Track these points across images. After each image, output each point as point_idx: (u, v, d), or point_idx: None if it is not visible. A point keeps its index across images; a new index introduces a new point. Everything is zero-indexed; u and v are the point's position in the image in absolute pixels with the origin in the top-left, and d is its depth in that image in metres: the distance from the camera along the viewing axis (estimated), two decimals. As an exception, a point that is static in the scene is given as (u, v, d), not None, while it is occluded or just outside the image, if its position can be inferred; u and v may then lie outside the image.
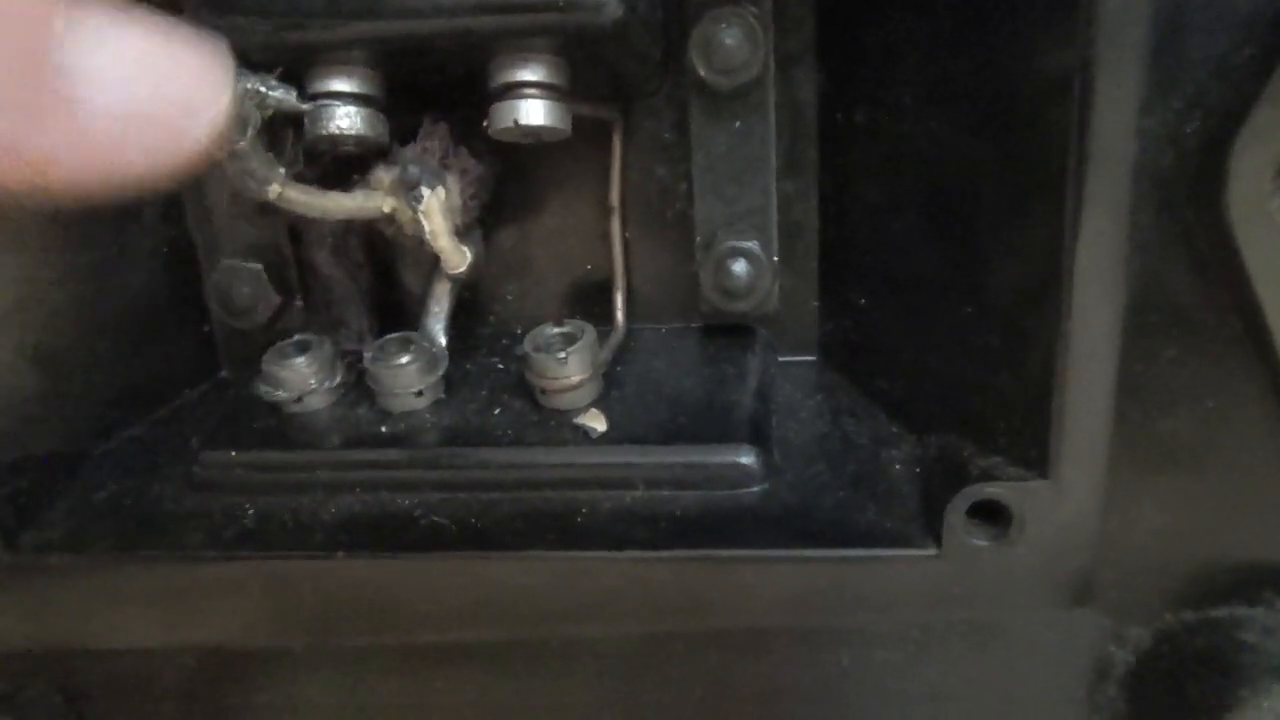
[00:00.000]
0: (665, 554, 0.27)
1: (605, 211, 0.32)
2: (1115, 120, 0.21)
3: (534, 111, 0.26)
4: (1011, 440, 0.25)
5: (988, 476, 0.25)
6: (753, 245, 0.31)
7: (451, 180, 0.28)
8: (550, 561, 0.27)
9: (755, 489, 0.28)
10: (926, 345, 0.29)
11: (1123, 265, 0.22)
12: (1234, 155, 0.20)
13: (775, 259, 0.32)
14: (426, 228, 0.28)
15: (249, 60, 0.25)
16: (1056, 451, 0.24)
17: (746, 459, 0.28)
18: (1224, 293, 0.22)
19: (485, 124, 0.27)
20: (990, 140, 0.26)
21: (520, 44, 0.25)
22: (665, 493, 0.28)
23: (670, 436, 0.29)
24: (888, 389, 0.31)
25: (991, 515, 0.25)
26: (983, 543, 0.25)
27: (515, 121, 0.26)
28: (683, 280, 0.33)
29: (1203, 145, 0.21)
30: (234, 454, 0.30)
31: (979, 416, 0.27)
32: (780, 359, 0.34)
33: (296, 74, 0.26)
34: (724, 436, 0.29)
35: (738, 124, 0.30)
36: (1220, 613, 0.24)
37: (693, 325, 0.34)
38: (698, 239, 0.32)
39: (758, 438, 0.29)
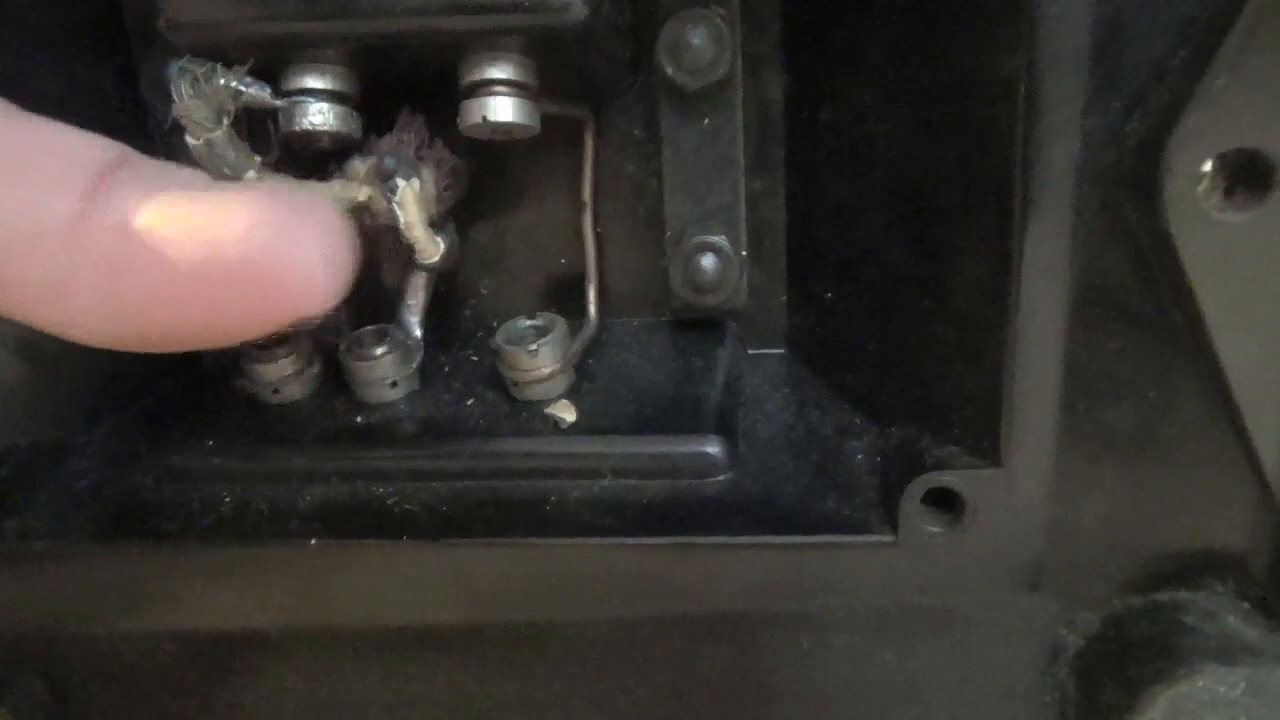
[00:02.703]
0: (631, 540, 0.27)
1: (578, 207, 0.33)
2: (1058, 121, 0.22)
3: (502, 109, 0.26)
4: (966, 431, 0.26)
5: (943, 466, 0.26)
6: (721, 241, 0.32)
7: (426, 171, 0.29)
8: (519, 548, 0.27)
9: (721, 478, 0.29)
10: (888, 339, 0.30)
11: (1068, 261, 0.23)
12: (1168, 154, 0.21)
13: (744, 254, 0.33)
14: (401, 218, 0.29)
15: (225, 56, 0.26)
16: (1007, 441, 0.24)
17: (712, 449, 0.29)
18: (1163, 287, 0.22)
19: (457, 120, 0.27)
20: (945, 140, 0.26)
21: (489, 43, 0.26)
22: (633, 481, 0.29)
23: (638, 427, 0.30)
24: (852, 381, 0.32)
25: (946, 503, 0.26)
26: (937, 529, 0.26)
27: (484, 118, 0.26)
28: (654, 275, 0.34)
29: (1141, 145, 0.21)
30: (211, 444, 0.30)
31: (937, 408, 0.28)
32: (749, 352, 0.35)
33: (272, 70, 0.27)
34: (691, 427, 0.30)
35: (706, 122, 0.31)
36: (1164, 597, 0.24)
37: (664, 319, 0.35)
38: (668, 234, 0.32)
39: (724, 428, 0.30)
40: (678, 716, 0.31)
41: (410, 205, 0.28)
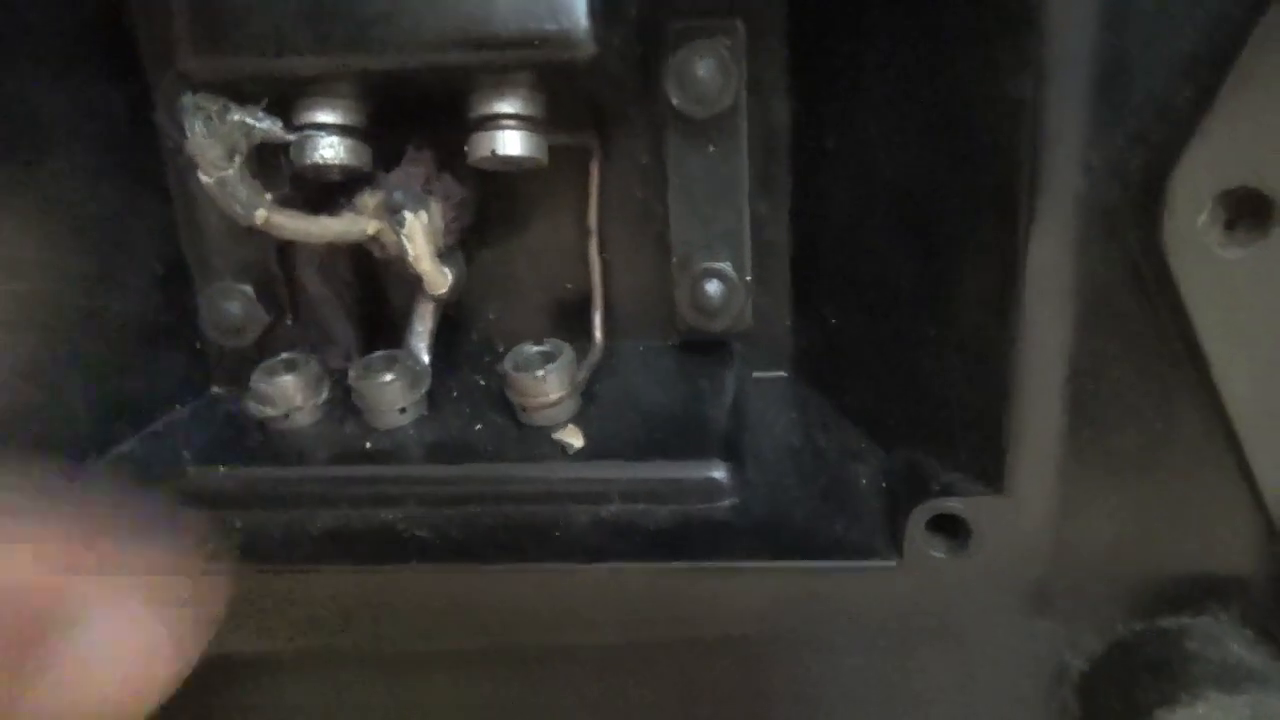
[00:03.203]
0: (639, 565, 0.28)
1: (584, 233, 0.33)
2: (1063, 151, 0.22)
3: (511, 142, 0.27)
4: (970, 455, 0.26)
5: (948, 491, 0.26)
6: (726, 266, 0.32)
7: (434, 204, 0.29)
8: (527, 573, 0.28)
9: (727, 503, 0.29)
10: (893, 362, 0.30)
11: (1071, 291, 0.23)
12: (1169, 190, 0.21)
13: (748, 278, 0.33)
14: (409, 250, 0.29)
15: (238, 92, 0.26)
16: (1011, 467, 0.25)
17: (719, 474, 0.29)
18: (1165, 316, 0.23)
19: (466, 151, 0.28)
20: (950, 165, 0.27)
21: (498, 77, 0.26)
22: (640, 506, 0.29)
23: (645, 452, 0.30)
24: (857, 404, 0.32)
25: (951, 528, 0.26)
26: (941, 555, 0.26)
27: (493, 152, 0.27)
28: (659, 299, 0.34)
29: (1144, 179, 0.22)
30: (223, 469, 0.31)
31: (941, 431, 0.28)
32: (754, 375, 0.35)
33: (283, 104, 0.27)
34: (697, 452, 0.30)
35: (712, 150, 0.31)
36: (1167, 622, 0.25)
37: (669, 343, 0.35)
38: (674, 260, 0.33)
39: (730, 453, 0.30)
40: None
41: (418, 238, 0.29)
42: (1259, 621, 0.24)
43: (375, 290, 0.35)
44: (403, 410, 0.32)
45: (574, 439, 0.30)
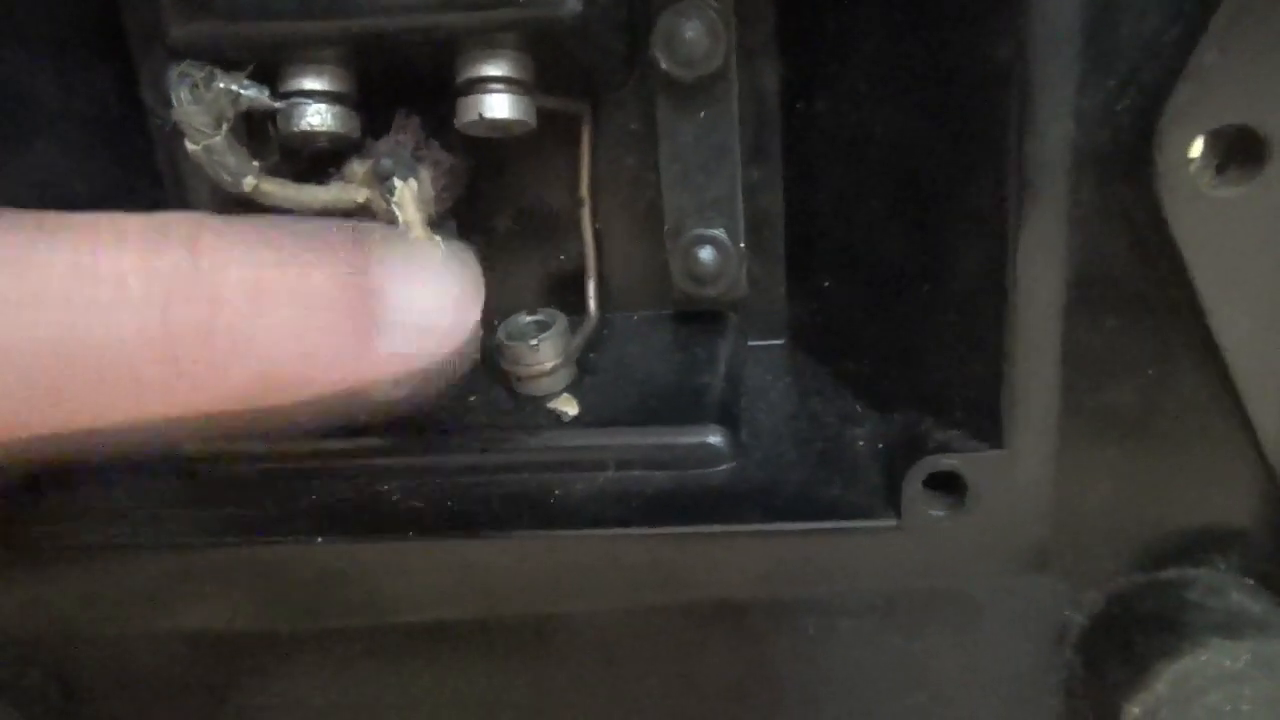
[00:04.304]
0: (636, 531, 0.27)
1: (577, 202, 0.33)
2: (1051, 102, 0.22)
3: (498, 106, 0.27)
4: (967, 414, 0.26)
5: (944, 448, 0.26)
6: (720, 233, 0.32)
7: (424, 172, 0.29)
8: (523, 541, 0.28)
9: (724, 467, 0.29)
10: (888, 325, 0.30)
11: (1064, 241, 0.23)
12: (1160, 132, 0.21)
13: (742, 245, 0.33)
14: (400, 218, 0.29)
15: (223, 59, 0.26)
16: (1009, 423, 0.25)
17: (715, 439, 0.29)
18: (1159, 265, 0.22)
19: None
20: (941, 124, 0.26)
21: (484, 40, 0.26)
22: (637, 473, 0.29)
23: (641, 419, 0.30)
24: (853, 369, 0.32)
25: (948, 486, 0.26)
26: (940, 513, 0.26)
27: (480, 115, 0.26)
28: (654, 268, 0.34)
29: (1134, 123, 0.22)
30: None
31: (938, 393, 0.28)
32: (750, 343, 0.35)
33: (269, 72, 0.27)
34: (693, 418, 0.30)
35: (702, 115, 0.31)
36: (1169, 574, 0.24)
37: (664, 312, 0.35)
38: (666, 227, 0.32)
39: (726, 418, 0.30)
40: (686, 703, 0.31)
41: (409, 205, 0.28)
42: (1260, 570, 0.24)
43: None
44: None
45: (569, 408, 0.30)
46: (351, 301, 0.21)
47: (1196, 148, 0.21)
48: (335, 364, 0.21)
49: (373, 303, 0.22)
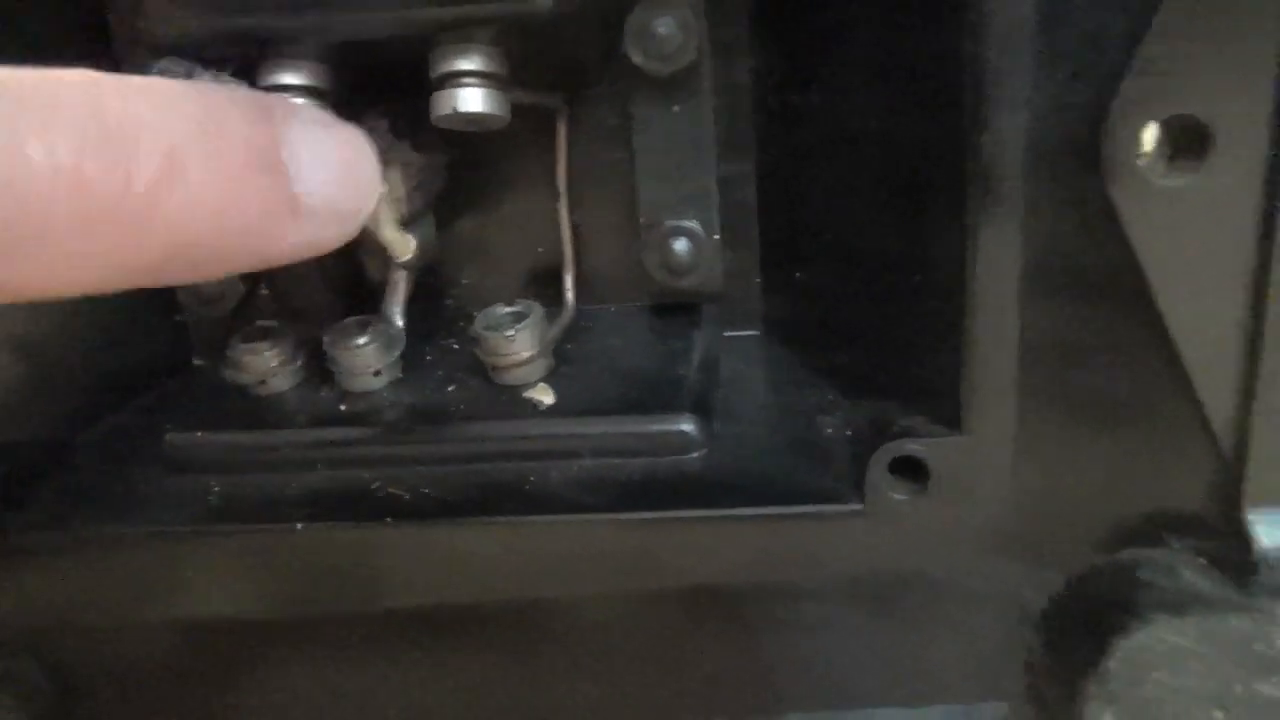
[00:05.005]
0: (609, 516, 0.28)
1: (555, 196, 0.34)
2: (1005, 92, 0.22)
3: (472, 99, 0.27)
4: (931, 400, 0.27)
5: (907, 434, 0.26)
6: (694, 224, 0.33)
7: (392, 173, 0.30)
8: (499, 527, 0.28)
9: (696, 455, 0.30)
10: (861, 315, 0.31)
11: (1020, 230, 0.23)
12: (1109, 122, 0.21)
13: (716, 237, 0.33)
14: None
15: (203, 54, 0.27)
16: (967, 408, 0.25)
17: (688, 427, 0.30)
18: (1112, 253, 0.23)
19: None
20: (910, 117, 0.27)
21: (459, 35, 0.27)
22: (612, 460, 0.30)
23: (616, 408, 0.30)
24: (826, 359, 0.32)
25: (913, 471, 0.26)
26: (903, 497, 0.26)
27: (454, 109, 0.27)
28: (631, 261, 0.34)
29: (1085, 115, 0.22)
30: (200, 434, 0.31)
31: (905, 380, 0.28)
32: (725, 334, 0.35)
33: (249, 67, 0.27)
34: (667, 407, 0.30)
35: (676, 109, 0.32)
36: (1124, 556, 0.25)
37: (641, 304, 0.35)
38: (641, 220, 0.33)
39: (700, 407, 0.30)
40: (664, 683, 0.31)
41: (378, 206, 0.29)
42: (1211, 550, 0.24)
43: (352, 260, 0.36)
44: (377, 374, 0.32)
45: (545, 396, 0.31)
46: (265, 180, 0.21)
47: (1149, 139, 0.21)
48: (247, 241, 0.21)
49: (285, 182, 0.21)
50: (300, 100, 0.27)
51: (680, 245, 0.32)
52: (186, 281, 0.21)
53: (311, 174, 0.21)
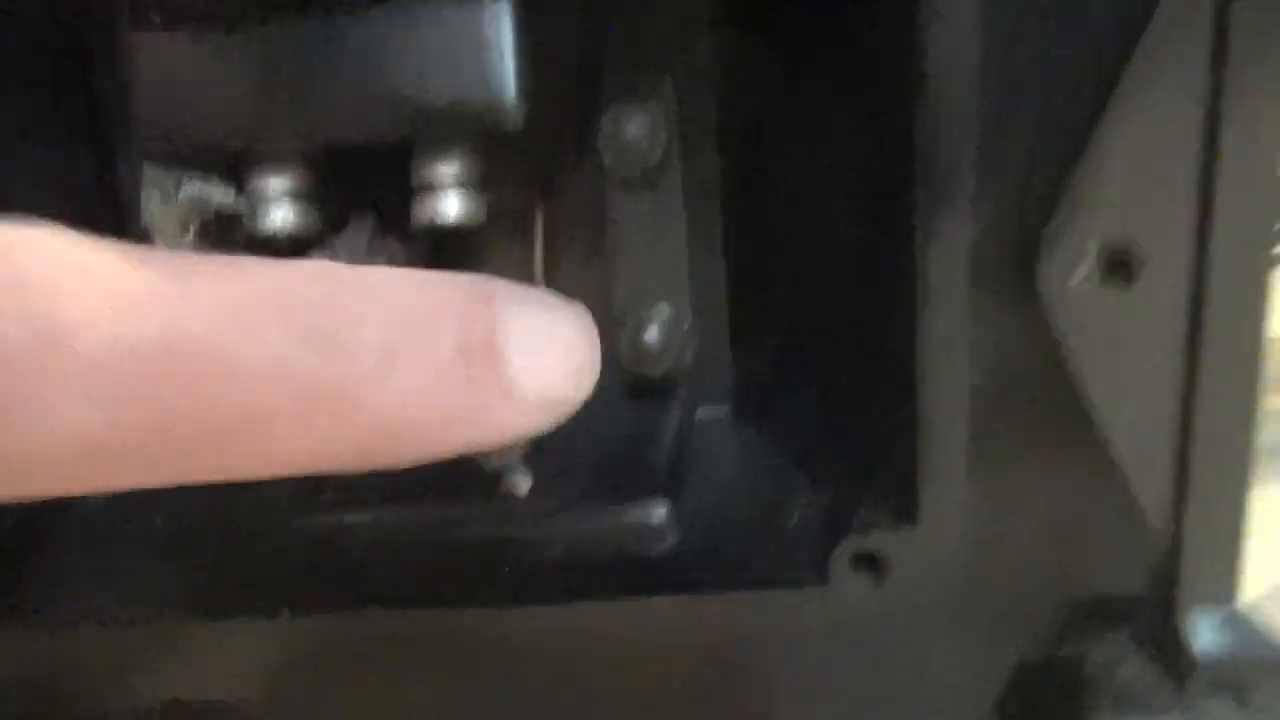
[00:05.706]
0: (583, 605, 0.29)
1: (530, 284, 0.35)
2: (950, 205, 0.24)
3: (449, 208, 0.28)
4: (888, 491, 0.28)
5: (869, 524, 0.27)
6: (666, 312, 0.34)
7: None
8: (469, 617, 0.29)
9: (668, 540, 0.31)
10: (822, 402, 0.32)
11: (965, 334, 0.25)
12: (1045, 243, 0.23)
13: (688, 325, 0.35)
14: None
15: (191, 164, 0.28)
16: (921, 502, 0.26)
17: (660, 511, 0.31)
18: (1050, 359, 0.24)
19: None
20: (865, 218, 0.28)
21: (434, 146, 0.28)
22: (585, 548, 0.31)
23: (590, 494, 0.31)
24: (790, 441, 0.34)
25: (870, 562, 0.28)
26: (862, 586, 0.27)
27: (431, 220, 0.28)
28: (605, 344, 0.36)
29: (1024, 234, 0.24)
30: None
31: (863, 469, 0.29)
32: (698, 409, 0.36)
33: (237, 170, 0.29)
34: (640, 493, 0.31)
35: (646, 206, 0.33)
36: (1069, 649, 0.26)
37: (616, 386, 0.37)
38: (614, 308, 0.34)
39: (671, 492, 0.31)
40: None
41: None
42: (1153, 642, 0.25)
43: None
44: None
45: (522, 481, 0.32)
46: (478, 371, 0.20)
47: (1076, 259, 0.23)
48: (454, 430, 0.20)
49: (499, 371, 0.20)
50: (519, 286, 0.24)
51: (651, 334, 0.34)
52: (388, 467, 0.21)
53: (529, 362, 0.21)
